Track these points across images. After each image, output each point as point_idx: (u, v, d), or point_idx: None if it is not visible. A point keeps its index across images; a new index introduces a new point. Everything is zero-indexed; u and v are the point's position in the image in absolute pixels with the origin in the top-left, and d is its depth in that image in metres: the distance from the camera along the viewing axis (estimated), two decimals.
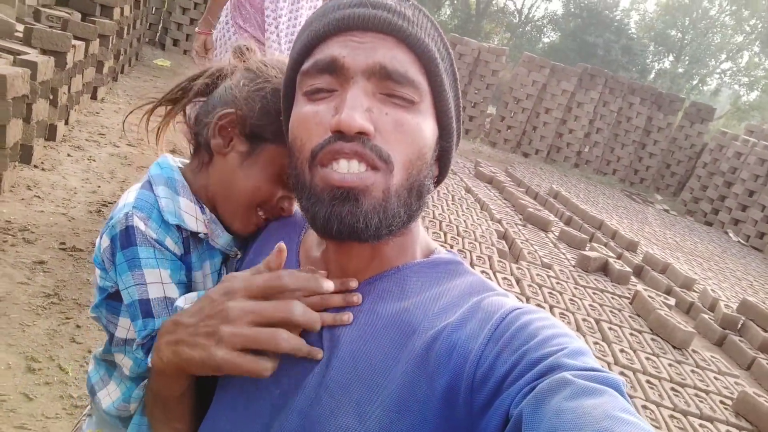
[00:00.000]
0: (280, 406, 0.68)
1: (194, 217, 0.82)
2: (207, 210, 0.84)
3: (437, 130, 0.71)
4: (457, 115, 0.74)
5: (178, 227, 0.81)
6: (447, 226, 4.77)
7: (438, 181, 0.77)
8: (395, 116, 0.66)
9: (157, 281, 0.77)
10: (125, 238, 0.77)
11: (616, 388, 0.53)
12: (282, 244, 0.70)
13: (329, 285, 0.68)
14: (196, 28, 3.18)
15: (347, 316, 0.69)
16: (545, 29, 27.28)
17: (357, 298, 0.70)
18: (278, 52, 2.85)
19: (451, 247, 4.28)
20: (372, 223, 0.64)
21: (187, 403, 0.76)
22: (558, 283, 4.25)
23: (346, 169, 0.64)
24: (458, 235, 4.64)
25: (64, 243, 2.79)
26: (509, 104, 11.02)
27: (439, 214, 5.06)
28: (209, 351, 0.64)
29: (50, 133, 3.88)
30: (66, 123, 4.22)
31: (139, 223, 0.77)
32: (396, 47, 0.66)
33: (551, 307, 3.73)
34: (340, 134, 0.63)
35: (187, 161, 0.90)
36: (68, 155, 3.89)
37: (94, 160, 3.95)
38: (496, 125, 11.18)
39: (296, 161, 0.69)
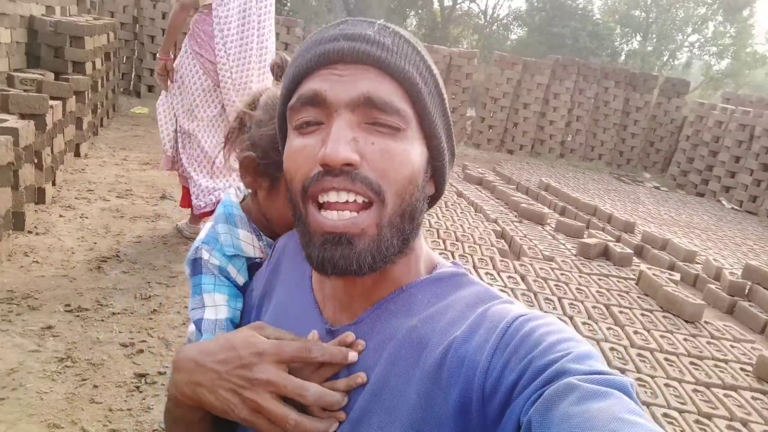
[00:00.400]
0: None
1: (251, 245, 0.97)
2: (264, 236, 1.00)
3: (427, 152, 0.72)
4: (447, 135, 0.74)
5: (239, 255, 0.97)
6: (444, 233, 4.79)
7: (435, 198, 0.77)
8: (381, 145, 0.66)
9: (211, 304, 0.92)
10: (193, 267, 0.95)
11: (624, 390, 0.53)
12: (315, 333, 0.75)
13: (354, 356, 0.71)
14: (158, 55, 3.65)
15: (361, 378, 0.69)
16: (512, 26, 27.53)
17: (361, 346, 0.72)
18: (229, 74, 3.45)
19: (452, 253, 4.29)
20: (365, 262, 0.66)
21: (206, 427, 0.78)
22: (562, 274, 4.27)
23: (336, 199, 0.65)
24: (457, 240, 4.65)
25: (69, 304, 2.78)
26: (487, 104, 11.09)
27: (435, 222, 5.08)
28: (231, 407, 0.68)
29: (39, 197, 3.88)
30: (53, 184, 4.22)
31: (204, 254, 0.94)
32: (377, 77, 0.67)
33: (559, 299, 3.74)
34: (327, 167, 0.64)
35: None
36: (60, 216, 3.88)
37: (86, 218, 3.94)
38: (478, 127, 11.24)
39: (291, 193, 0.70)
